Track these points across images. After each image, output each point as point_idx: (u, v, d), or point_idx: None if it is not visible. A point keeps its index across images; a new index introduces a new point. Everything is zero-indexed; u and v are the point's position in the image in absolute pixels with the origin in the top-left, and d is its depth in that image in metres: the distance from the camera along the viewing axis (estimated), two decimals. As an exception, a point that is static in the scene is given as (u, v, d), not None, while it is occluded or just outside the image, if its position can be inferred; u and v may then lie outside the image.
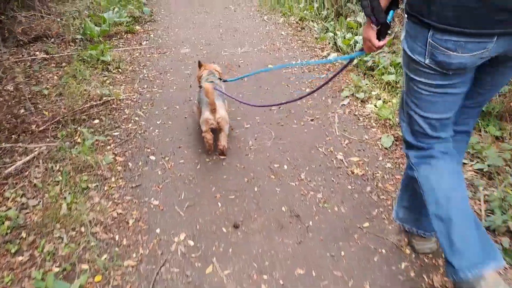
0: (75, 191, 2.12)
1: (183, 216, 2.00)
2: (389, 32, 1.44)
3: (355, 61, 3.52)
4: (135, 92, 3.31)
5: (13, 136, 2.61)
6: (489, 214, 1.86)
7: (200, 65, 2.85)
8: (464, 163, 2.21)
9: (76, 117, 2.82)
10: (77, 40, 4.14)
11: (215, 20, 5.19)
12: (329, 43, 4.17)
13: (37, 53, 3.95)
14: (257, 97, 3.20)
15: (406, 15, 1.29)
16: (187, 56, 4.07)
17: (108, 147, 2.55)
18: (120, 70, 3.66)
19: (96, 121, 2.84)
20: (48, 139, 2.60)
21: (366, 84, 3.10)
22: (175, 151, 2.54)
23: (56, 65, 3.69)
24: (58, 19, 4.51)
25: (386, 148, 2.47)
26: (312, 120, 2.85)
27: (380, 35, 1.42)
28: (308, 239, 1.83)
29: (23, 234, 1.85)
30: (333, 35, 4.11)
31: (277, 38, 4.51)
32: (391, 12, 1.37)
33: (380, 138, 2.55)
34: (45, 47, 4.07)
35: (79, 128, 2.70)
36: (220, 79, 2.77)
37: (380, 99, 2.92)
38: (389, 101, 2.87)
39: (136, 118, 2.92)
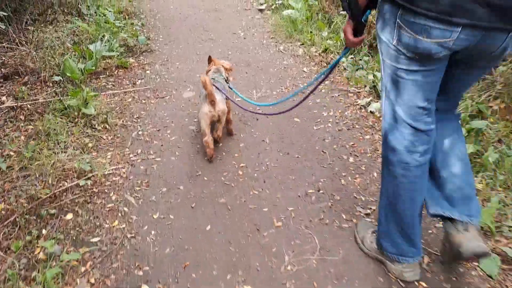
0: None
1: None
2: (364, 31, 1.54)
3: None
4: (125, 162, 2.52)
5: None
6: None
7: (210, 60, 2.85)
8: None
9: (42, 211, 2.03)
10: (56, 81, 3.35)
11: (223, 50, 4.42)
12: (365, 86, 3.41)
13: (4, 98, 3.16)
14: (286, 172, 2.42)
15: None
16: (191, 102, 3.29)
17: (83, 269, 1.76)
18: (107, 126, 2.87)
19: (69, 215, 2.05)
20: (-4, 255, 1.81)
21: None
22: (179, 274, 1.76)
23: (25, 118, 2.90)
24: (34, 52, 3.72)
25: (490, 277, 1.69)
26: (367, 214, 2.07)
27: (357, 32, 1.51)
28: None
29: None
30: (372, 78, 3.35)
31: (298, 76, 3.75)
32: (367, 11, 1.45)
33: (477, 258, 1.77)
34: (16, 88, 3.29)
35: (43, 232, 1.91)
36: (227, 81, 2.72)
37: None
38: (482, 189, 2.09)
39: (125, 209, 2.13)
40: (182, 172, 2.44)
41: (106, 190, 2.25)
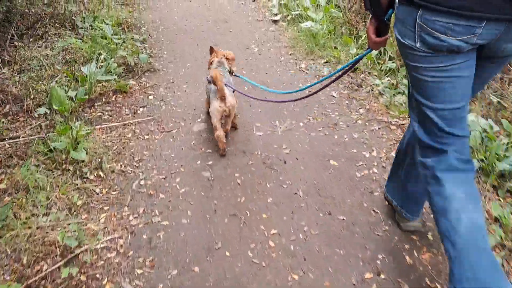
0: None
1: None
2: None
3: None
4: (123, 227, 1.97)
5: None
6: None
7: (211, 50, 2.91)
8: None
9: (8, 317, 1.49)
10: (41, 113, 2.81)
11: (236, 68, 3.88)
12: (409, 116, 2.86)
13: (-22, 136, 2.62)
14: (332, 242, 1.88)
15: (396, 1, 1.28)
16: (203, 138, 2.75)
17: None
18: (101, 173, 2.33)
19: (46, 322, 1.51)
20: None
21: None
22: None
23: (1, 163, 2.36)
24: (18, 76, 3.18)
25: None
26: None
27: (380, 32, 1.46)
28: None
29: None
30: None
31: (327, 102, 3.21)
32: (390, 10, 1.39)
33: None
34: (-6, 121, 2.75)
35: None
36: (230, 72, 2.76)
37: None
38: None
39: (123, 309, 1.58)
40: (197, 243, 1.89)
41: (97, 276, 1.70)
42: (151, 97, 3.32)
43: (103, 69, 3.19)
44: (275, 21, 5.16)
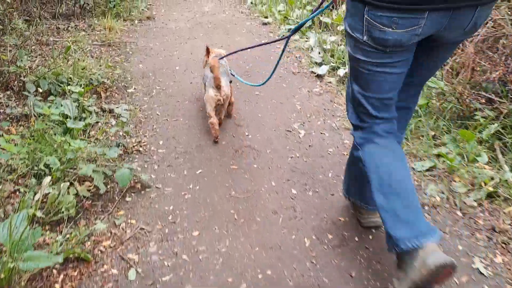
0: None
1: None
2: None
3: None
4: None
5: None
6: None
7: (208, 51, 2.83)
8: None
9: None
10: None
11: (278, 183, 2.32)
12: None
13: None
14: None
15: None
16: None
17: None
18: None
19: None
20: None
21: None
22: None
23: None
24: None
25: None
26: None
27: None
28: None
29: None
30: None
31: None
32: None
33: None
34: None
35: None
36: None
37: None
38: None
39: None
40: None
41: None
42: (131, 273, 1.75)
43: (38, 231, 1.61)
44: (319, 76, 3.60)
